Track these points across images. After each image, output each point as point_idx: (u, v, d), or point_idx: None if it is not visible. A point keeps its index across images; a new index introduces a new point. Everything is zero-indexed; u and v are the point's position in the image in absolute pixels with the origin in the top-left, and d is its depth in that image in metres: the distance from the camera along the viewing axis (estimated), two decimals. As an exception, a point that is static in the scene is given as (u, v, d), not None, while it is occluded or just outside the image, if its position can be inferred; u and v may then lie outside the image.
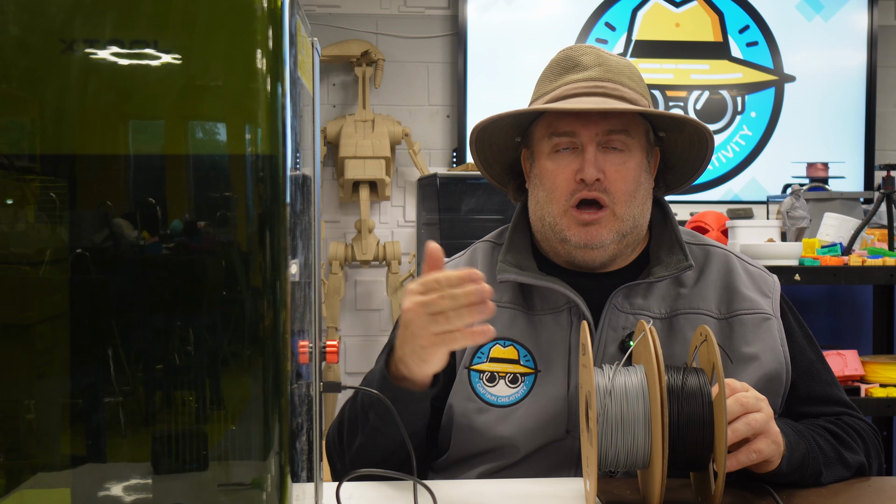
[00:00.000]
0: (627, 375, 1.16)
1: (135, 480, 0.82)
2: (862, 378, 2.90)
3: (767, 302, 1.46)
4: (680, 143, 1.50)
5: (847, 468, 1.35)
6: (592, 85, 1.43)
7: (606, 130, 1.41)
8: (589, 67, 1.45)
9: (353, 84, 4.71)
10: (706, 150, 1.48)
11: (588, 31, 4.80)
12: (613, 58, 1.48)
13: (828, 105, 4.90)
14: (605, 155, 1.42)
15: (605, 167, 1.41)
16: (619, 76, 1.45)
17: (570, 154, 1.43)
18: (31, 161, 0.82)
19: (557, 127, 1.43)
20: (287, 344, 0.83)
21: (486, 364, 1.43)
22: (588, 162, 1.40)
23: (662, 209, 1.53)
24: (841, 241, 3.05)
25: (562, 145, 1.43)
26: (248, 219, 0.81)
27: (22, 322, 0.83)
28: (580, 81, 1.44)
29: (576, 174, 1.41)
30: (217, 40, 0.81)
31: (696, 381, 1.15)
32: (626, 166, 1.42)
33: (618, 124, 1.42)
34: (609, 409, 1.14)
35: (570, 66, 1.46)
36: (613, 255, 1.46)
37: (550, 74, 1.49)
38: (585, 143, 1.41)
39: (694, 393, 1.14)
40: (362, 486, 1.30)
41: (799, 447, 1.29)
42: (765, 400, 1.22)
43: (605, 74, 1.44)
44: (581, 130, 1.41)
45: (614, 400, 1.14)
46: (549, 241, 1.48)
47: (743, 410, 1.19)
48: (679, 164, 1.53)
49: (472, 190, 4.11)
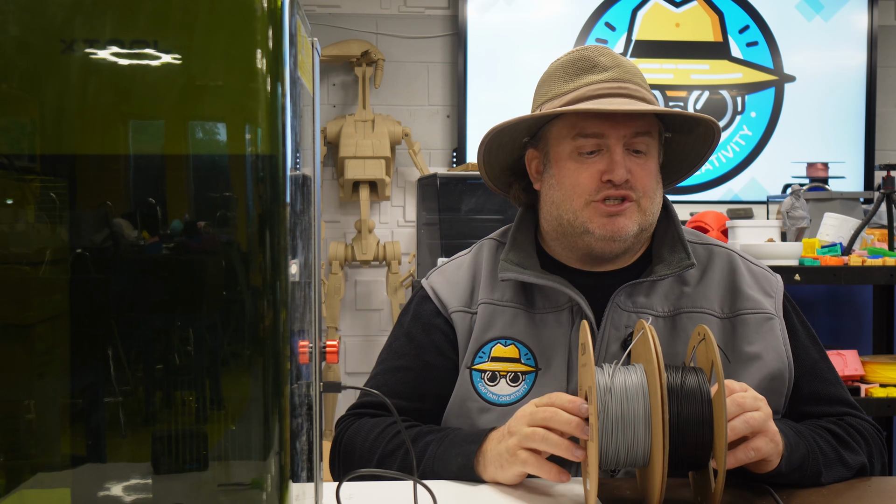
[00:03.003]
0: (627, 374, 1.17)
1: (135, 480, 0.82)
2: (862, 378, 2.90)
3: (770, 301, 1.46)
4: (683, 143, 1.51)
5: (847, 469, 1.35)
6: (616, 86, 1.43)
7: (633, 132, 1.42)
8: (608, 68, 1.45)
9: (353, 84, 4.71)
10: (707, 149, 1.49)
11: (588, 31, 4.80)
12: (626, 60, 1.49)
13: (828, 105, 4.90)
14: (629, 156, 1.42)
15: (632, 167, 1.42)
16: (636, 77, 1.46)
17: (595, 155, 1.42)
18: (31, 161, 0.82)
19: (585, 128, 1.42)
20: (287, 344, 0.83)
21: (488, 363, 1.43)
22: (617, 164, 1.40)
23: (666, 208, 1.54)
24: (841, 241, 3.05)
25: (587, 147, 1.42)
26: (248, 219, 0.81)
27: (22, 322, 0.83)
28: (602, 82, 1.43)
29: (601, 175, 1.41)
30: (217, 40, 0.81)
31: (694, 379, 1.15)
32: (647, 166, 1.43)
33: (643, 126, 1.42)
34: (609, 407, 1.14)
35: (587, 67, 1.45)
36: (628, 248, 1.47)
37: (565, 75, 1.47)
38: (613, 145, 1.41)
39: (693, 392, 1.14)
40: (362, 486, 1.30)
41: (798, 448, 1.29)
42: (763, 400, 1.22)
43: (624, 76, 1.44)
44: (610, 132, 1.41)
45: (614, 398, 1.14)
46: (566, 236, 1.47)
47: (740, 410, 1.19)
48: (677, 162, 1.54)
49: (472, 190, 4.11)
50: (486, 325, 1.45)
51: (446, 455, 1.33)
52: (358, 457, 1.42)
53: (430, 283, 1.54)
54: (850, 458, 1.36)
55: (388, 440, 1.40)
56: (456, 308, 1.48)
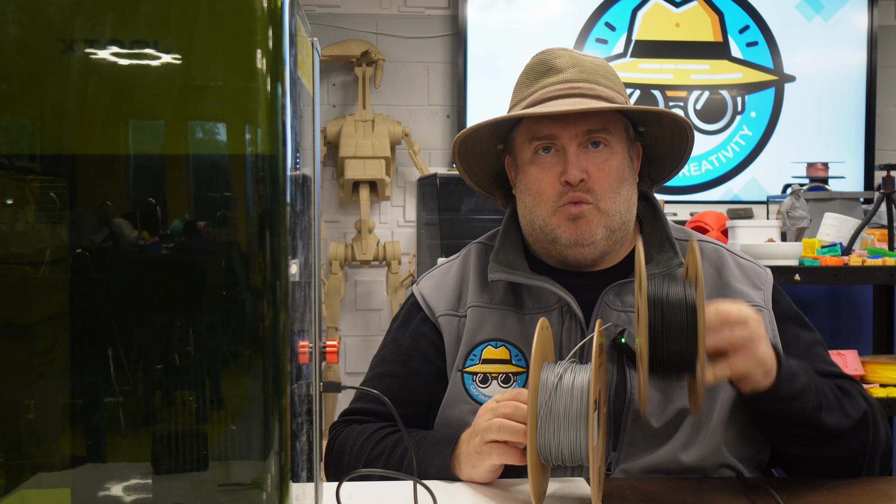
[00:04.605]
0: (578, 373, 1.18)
1: (135, 480, 0.82)
2: (862, 378, 2.90)
3: (759, 294, 1.46)
4: (660, 137, 1.51)
5: (847, 418, 1.34)
6: (568, 87, 1.44)
7: (586, 130, 1.42)
8: (563, 70, 1.46)
9: (353, 84, 4.71)
10: (686, 141, 1.49)
11: (588, 31, 4.80)
12: (587, 58, 1.49)
13: (828, 105, 4.90)
14: (586, 154, 1.42)
15: (588, 166, 1.42)
16: (594, 76, 1.46)
17: (552, 157, 1.43)
18: (31, 161, 0.82)
19: (537, 131, 1.44)
20: (287, 344, 0.83)
21: (479, 366, 1.44)
22: (570, 164, 1.41)
23: (653, 206, 1.54)
24: (841, 241, 3.05)
25: (542, 147, 1.43)
26: (248, 219, 0.81)
27: (22, 322, 0.83)
28: (556, 84, 1.44)
29: (560, 177, 1.42)
30: (217, 40, 0.81)
31: (679, 289, 1.17)
32: (608, 163, 1.43)
33: (596, 123, 1.42)
34: (554, 404, 1.16)
35: (544, 70, 1.47)
36: (604, 251, 1.46)
37: (525, 80, 1.50)
38: (566, 145, 1.42)
39: (677, 301, 1.16)
40: (362, 486, 1.30)
41: (800, 378, 1.29)
42: (756, 320, 1.23)
43: (579, 75, 1.45)
44: (560, 133, 1.42)
45: (560, 396, 1.16)
46: (540, 242, 1.49)
47: (721, 321, 1.20)
48: (661, 156, 1.54)
49: (472, 190, 4.10)
50: (477, 327, 1.46)
51: (425, 459, 1.35)
52: (346, 463, 1.45)
53: (419, 288, 1.55)
54: (849, 407, 1.35)
55: (372, 447, 1.43)
56: (443, 312, 1.49)
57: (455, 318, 1.48)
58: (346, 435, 1.48)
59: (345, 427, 1.51)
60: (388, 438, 1.43)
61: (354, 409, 1.53)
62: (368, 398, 1.51)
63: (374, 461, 1.41)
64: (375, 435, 1.44)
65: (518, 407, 1.24)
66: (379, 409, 1.49)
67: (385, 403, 1.19)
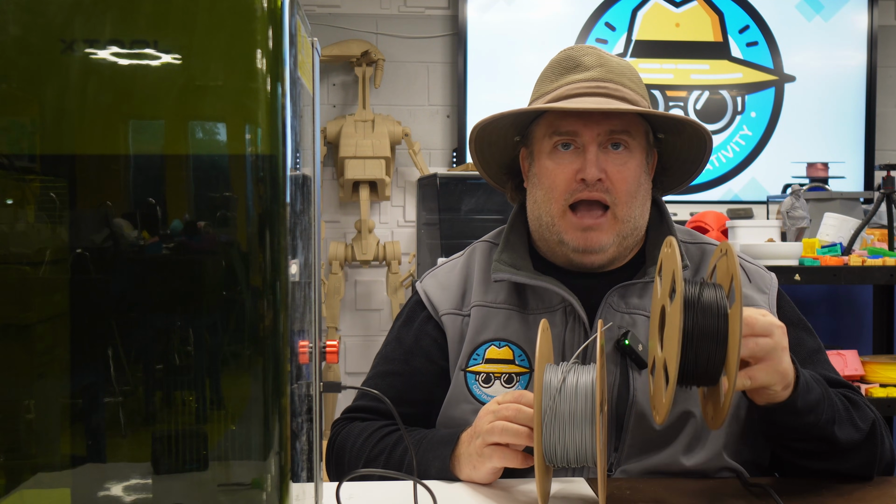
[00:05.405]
0: (581, 373, 1.17)
1: (135, 480, 0.82)
2: (862, 378, 2.90)
3: (764, 298, 1.46)
4: (678, 145, 1.50)
5: (857, 430, 1.32)
6: (595, 85, 1.43)
7: (608, 131, 1.41)
8: (591, 68, 1.45)
9: (353, 84, 4.71)
10: (704, 152, 1.47)
11: (588, 31, 4.80)
12: (614, 59, 1.48)
13: (828, 105, 4.90)
14: (606, 155, 1.42)
15: (607, 167, 1.41)
16: (621, 77, 1.45)
17: (571, 154, 1.43)
18: (31, 161, 0.82)
19: (559, 126, 1.43)
20: (287, 344, 0.83)
21: (482, 366, 1.44)
22: (590, 162, 1.40)
23: (659, 209, 1.54)
24: (841, 241, 3.05)
25: (562, 143, 1.43)
26: (248, 219, 0.81)
27: (22, 322, 0.83)
28: (582, 81, 1.44)
29: (576, 174, 1.41)
30: (217, 40, 0.81)
31: (712, 294, 1.13)
32: (626, 167, 1.42)
33: (619, 125, 1.42)
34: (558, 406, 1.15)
35: (571, 66, 1.46)
36: (613, 257, 1.46)
37: (551, 74, 1.49)
38: (587, 143, 1.41)
39: (710, 306, 1.12)
40: (362, 486, 1.30)
41: (815, 390, 1.27)
42: (781, 327, 1.20)
43: (606, 75, 1.44)
44: (583, 130, 1.41)
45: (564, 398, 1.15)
46: (546, 240, 1.49)
47: (749, 332, 1.17)
48: (676, 165, 1.53)
49: (472, 190, 4.11)
50: (480, 327, 1.45)
51: (425, 459, 1.35)
52: (347, 461, 1.45)
53: (422, 286, 1.55)
54: (859, 419, 1.33)
55: (372, 445, 1.43)
56: (446, 311, 1.49)
57: (458, 317, 1.48)
58: (348, 433, 1.48)
59: (346, 424, 1.50)
60: (389, 437, 1.43)
61: (357, 407, 1.53)
62: (371, 396, 1.51)
63: (375, 460, 1.40)
64: (376, 434, 1.44)
65: (520, 409, 1.24)
66: (381, 408, 1.49)
67: (385, 403, 1.19)
